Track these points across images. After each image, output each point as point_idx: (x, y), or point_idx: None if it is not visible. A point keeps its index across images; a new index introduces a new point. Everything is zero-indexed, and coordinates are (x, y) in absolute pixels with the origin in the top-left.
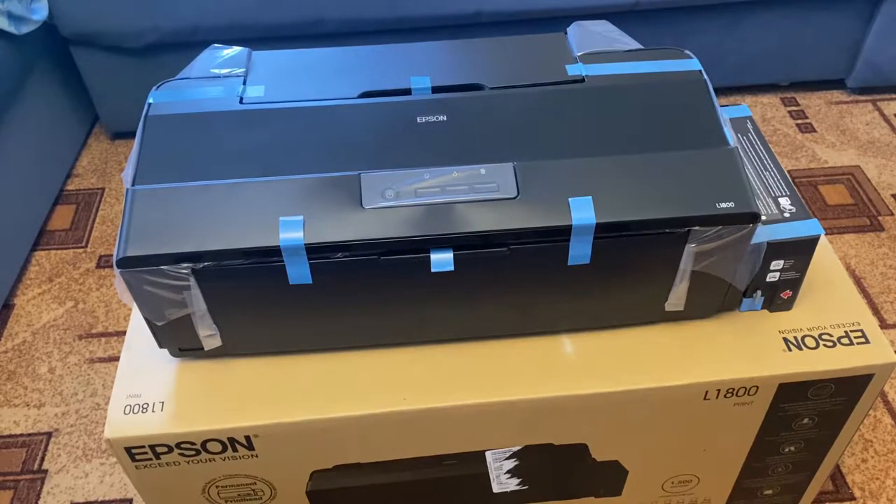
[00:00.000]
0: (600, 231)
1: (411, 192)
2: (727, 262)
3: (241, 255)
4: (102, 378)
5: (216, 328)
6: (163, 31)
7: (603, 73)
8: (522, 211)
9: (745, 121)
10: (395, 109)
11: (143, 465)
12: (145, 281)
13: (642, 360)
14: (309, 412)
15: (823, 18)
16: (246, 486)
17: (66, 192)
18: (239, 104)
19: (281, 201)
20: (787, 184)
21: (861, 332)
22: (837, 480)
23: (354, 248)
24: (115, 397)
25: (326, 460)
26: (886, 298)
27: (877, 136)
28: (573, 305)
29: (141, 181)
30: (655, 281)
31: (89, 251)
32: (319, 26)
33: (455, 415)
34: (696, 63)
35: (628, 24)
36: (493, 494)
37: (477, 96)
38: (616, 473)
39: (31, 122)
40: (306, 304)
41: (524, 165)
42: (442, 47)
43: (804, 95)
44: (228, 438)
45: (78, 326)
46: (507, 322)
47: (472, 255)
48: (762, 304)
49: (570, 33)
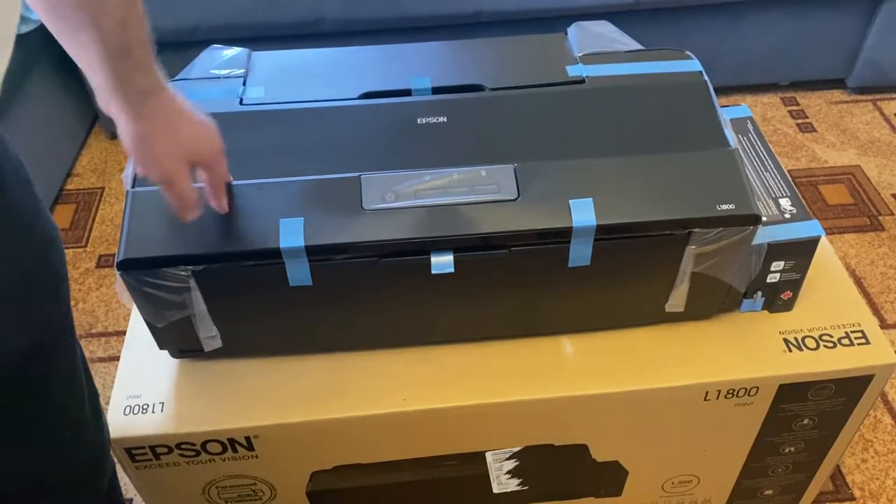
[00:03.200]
0: (601, 233)
1: (411, 193)
2: (728, 264)
3: (241, 257)
4: (102, 378)
5: (216, 330)
6: (163, 31)
7: (603, 74)
8: (523, 212)
9: (746, 121)
10: (396, 110)
11: (144, 465)
12: (146, 283)
13: (642, 361)
14: (309, 413)
15: (823, 18)
16: (246, 486)
17: (65, 192)
18: (239, 105)
19: (281, 203)
20: (788, 184)
21: (861, 333)
22: (837, 480)
23: (355, 250)
24: (115, 398)
25: (326, 461)
26: (886, 298)
27: (877, 135)
28: (573, 307)
29: (141, 183)
30: (656, 282)
31: (89, 251)
32: (319, 26)
33: (455, 415)
34: (697, 64)
35: (628, 25)
36: (494, 495)
37: (477, 97)
38: (616, 474)
39: (31, 122)
40: (306, 306)
41: (525, 167)
42: (442, 48)
43: (804, 95)
44: (228, 439)
45: (78, 326)
46: (507, 323)
47: (473, 256)
48: (762, 304)
49: (570, 34)
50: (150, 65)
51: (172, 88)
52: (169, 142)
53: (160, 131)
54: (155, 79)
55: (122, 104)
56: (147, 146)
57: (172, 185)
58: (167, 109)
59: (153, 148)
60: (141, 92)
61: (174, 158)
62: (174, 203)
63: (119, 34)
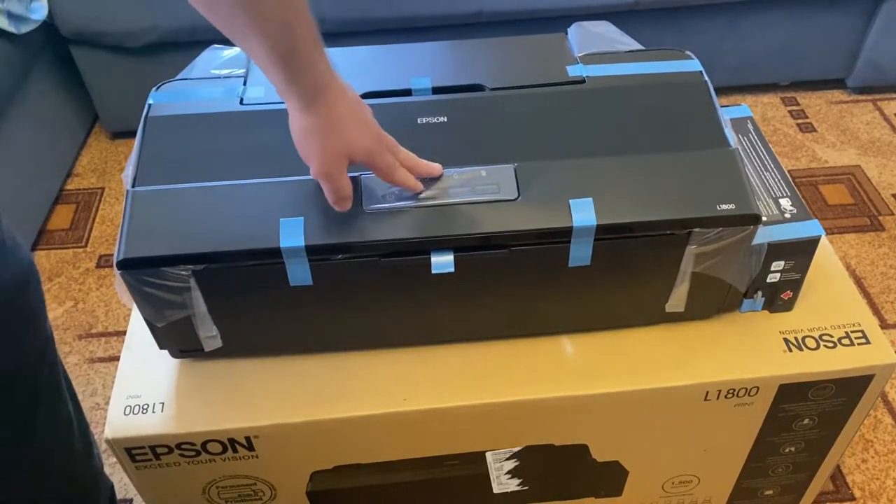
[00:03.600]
0: (601, 233)
1: (411, 193)
2: (728, 264)
3: (241, 256)
4: (102, 378)
5: (216, 329)
6: (162, 31)
7: (603, 74)
8: (523, 212)
9: (746, 121)
10: (396, 110)
11: (144, 465)
12: (145, 282)
13: (643, 360)
14: (309, 413)
15: (823, 18)
16: (246, 486)
17: (65, 192)
18: (239, 105)
19: (281, 203)
20: (788, 184)
21: (861, 333)
22: (838, 480)
23: (355, 250)
24: (115, 398)
25: (326, 461)
26: (886, 298)
27: (877, 135)
28: (574, 307)
29: (141, 182)
30: (656, 282)
31: (89, 251)
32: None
33: (455, 415)
34: (697, 64)
35: (629, 25)
36: (494, 495)
37: (477, 97)
38: (616, 474)
39: (31, 122)
40: (307, 306)
41: (525, 167)
42: (442, 48)
43: (804, 95)
44: (229, 439)
45: (78, 326)
46: (507, 323)
47: (473, 256)
48: (763, 304)
49: (570, 34)
50: (318, 63)
51: (344, 86)
52: (333, 138)
53: (326, 127)
54: (324, 77)
55: (293, 98)
56: (312, 140)
57: (329, 180)
58: (335, 107)
59: (317, 143)
60: (310, 88)
61: (336, 156)
62: (330, 195)
63: (283, 36)
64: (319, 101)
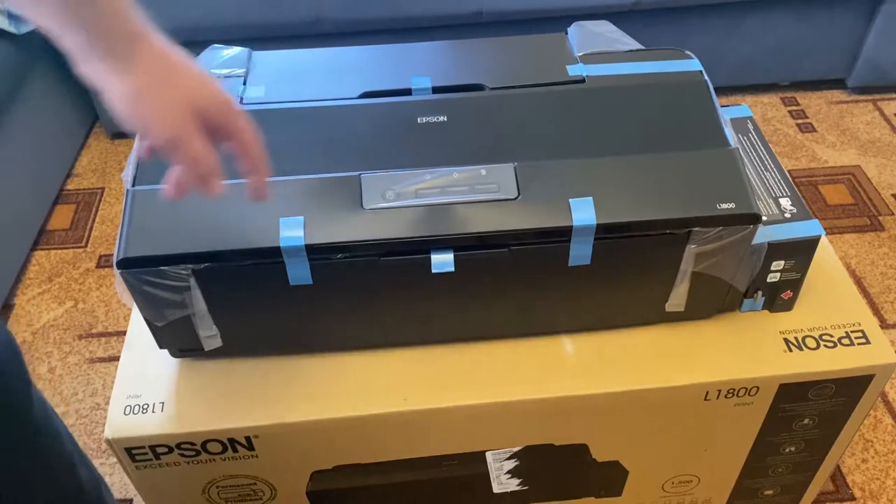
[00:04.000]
0: (601, 232)
1: (412, 192)
2: (728, 263)
3: (241, 255)
4: (102, 378)
5: (216, 329)
6: (162, 30)
7: (603, 74)
8: (523, 212)
9: (746, 121)
10: (396, 110)
11: (144, 465)
12: (145, 282)
13: (643, 360)
14: (309, 412)
15: (823, 18)
16: (246, 486)
17: (65, 192)
18: (239, 104)
19: (281, 202)
20: (788, 184)
21: (861, 333)
22: (838, 480)
23: (355, 249)
24: (115, 397)
25: (326, 460)
26: (886, 298)
27: (877, 135)
28: (574, 306)
29: (141, 182)
30: (656, 282)
31: (89, 251)
32: (319, 26)
33: (455, 415)
34: (697, 63)
35: (629, 24)
36: (494, 495)
37: (477, 97)
38: (616, 474)
39: (31, 122)
40: (307, 305)
41: (525, 166)
42: (442, 47)
43: (804, 95)
44: (228, 439)
45: (78, 326)
46: (507, 323)
47: (473, 255)
48: (763, 304)
49: (570, 33)
50: (124, 6)
51: (159, 34)
52: (169, 93)
53: (157, 83)
54: (137, 23)
55: (105, 58)
56: (144, 103)
57: (183, 144)
58: (161, 57)
59: (152, 103)
60: (123, 41)
61: (179, 112)
62: (190, 171)
63: None
64: (140, 52)
